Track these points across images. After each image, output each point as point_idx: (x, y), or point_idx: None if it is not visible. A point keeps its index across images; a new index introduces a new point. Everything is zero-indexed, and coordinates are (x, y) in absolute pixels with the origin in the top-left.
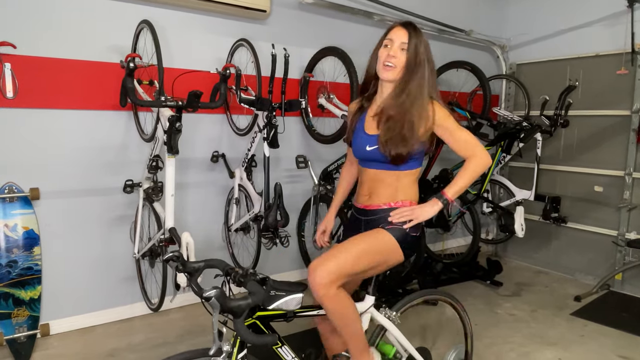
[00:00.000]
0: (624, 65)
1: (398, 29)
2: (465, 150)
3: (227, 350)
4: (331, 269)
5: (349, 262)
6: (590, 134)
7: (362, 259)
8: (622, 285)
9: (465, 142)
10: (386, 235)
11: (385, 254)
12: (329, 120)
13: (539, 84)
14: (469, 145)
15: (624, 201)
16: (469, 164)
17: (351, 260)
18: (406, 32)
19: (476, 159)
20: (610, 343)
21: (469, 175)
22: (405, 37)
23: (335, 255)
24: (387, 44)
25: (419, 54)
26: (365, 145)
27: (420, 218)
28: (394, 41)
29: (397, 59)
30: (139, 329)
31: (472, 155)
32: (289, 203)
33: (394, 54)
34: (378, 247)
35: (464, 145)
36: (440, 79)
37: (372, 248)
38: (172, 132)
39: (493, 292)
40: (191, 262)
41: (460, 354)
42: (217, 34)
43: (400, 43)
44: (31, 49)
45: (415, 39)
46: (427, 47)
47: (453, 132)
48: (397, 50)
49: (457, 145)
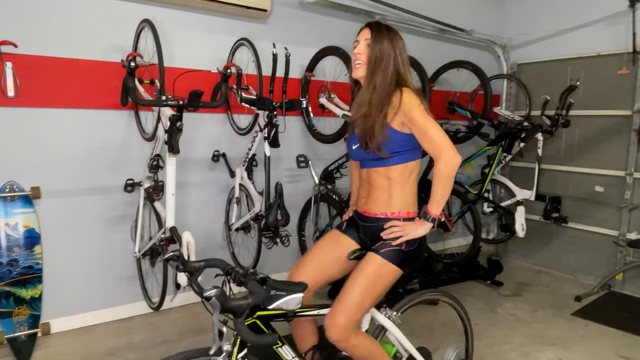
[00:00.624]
0: (625, 65)
1: (364, 30)
2: (432, 149)
3: (227, 350)
4: (343, 324)
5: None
6: (591, 134)
7: (367, 296)
8: (623, 285)
9: (432, 141)
10: (382, 262)
11: (387, 279)
12: (329, 119)
13: (540, 83)
14: (436, 144)
15: (624, 201)
16: (437, 169)
17: (358, 303)
18: (369, 30)
19: (442, 162)
20: (611, 343)
21: (443, 182)
22: (368, 34)
23: (343, 305)
24: (355, 45)
25: (382, 47)
26: (352, 145)
27: (410, 236)
28: (359, 41)
29: (362, 54)
30: (139, 328)
31: (438, 157)
32: (290, 202)
33: (360, 51)
34: (379, 278)
35: (430, 144)
36: (441, 78)
37: (373, 282)
38: (173, 131)
39: (493, 291)
40: (191, 262)
41: (460, 353)
42: (218, 33)
43: (364, 40)
44: (32, 48)
45: (379, 35)
46: (393, 40)
47: (420, 125)
48: (362, 48)
49: (424, 142)
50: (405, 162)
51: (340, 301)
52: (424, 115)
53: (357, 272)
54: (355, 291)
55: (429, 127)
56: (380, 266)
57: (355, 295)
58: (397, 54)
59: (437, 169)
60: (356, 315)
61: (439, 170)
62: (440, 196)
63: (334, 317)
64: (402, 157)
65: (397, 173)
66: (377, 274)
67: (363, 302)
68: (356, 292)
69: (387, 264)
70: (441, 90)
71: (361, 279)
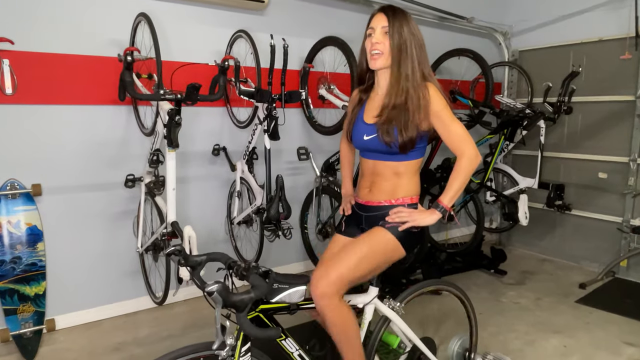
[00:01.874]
0: (627, 50)
1: (377, 16)
2: (457, 146)
3: (230, 344)
4: (333, 280)
5: (351, 269)
6: (594, 120)
7: (364, 263)
8: (627, 271)
9: (458, 137)
10: (387, 234)
11: (387, 254)
12: (329, 111)
13: (542, 70)
14: (461, 141)
15: (628, 187)
16: (459, 165)
17: (353, 267)
18: (385, 16)
19: (466, 159)
20: (615, 330)
21: (462, 177)
22: (384, 21)
23: (336, 264)
24: (370, 32)
25: (403, 34)
26: (363, 135)
27: (417, 222)
28: (375, 29)
29: (381, 44)
30: (144, 323)
31: (462, 154)
32: (291, 195)
33: (378, 40)
34: (379, 248)
35: (457, 140)
36: (442, 67)
37: (373, 250)
38: (172, 125)
39: (497, 280)
40: (193, 256)
41: (464, 343)
42: (215, 25)
43: (381, 28)
44: (29, 45)
45: (396, 20)
46: (410, 25)
47: (447, 124)
48: (380, 36)
49: (450, 139)
50: (418, 158)
51: (338, 259)
52: (449, 111)
53: (359, 239)
54: (353, 252)
55: (455, 126)
56: (383, 235)
57: (352, 256)
58: (417, 37)
59: (459, 166)
60: (348, 277)
61: (462, 167)
62: (455, 191)
63: (325, 270)
64: (417, 153)
65: (407, 168)
66: (378, 241)
67: (358, 266)
68: (354, 253)
69: (390, 235)
70: (442, 79)
71: (361, 245)
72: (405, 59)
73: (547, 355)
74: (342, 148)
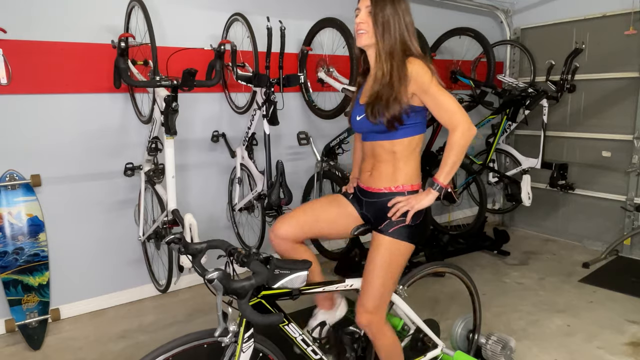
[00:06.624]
0: (632, 25)
1: None
2: (448, 119)
3: (233, 330)
4: (372, 307)
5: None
6: (597, 98)
7: (388, 277)
8: (631, 250)
9: (448, 110)
10: (394, 243)
11: (402, 257)
12: (329, 94)
13: (545, 48)
14: (452, 114)
15: (632, 165)
16: (452, 139)
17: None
18: None
19: (459, 133)
20: (619, 308)
21: (456, 151)
22: (368, 1)
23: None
24: (357, 13)
25: (385, 13)
26: (356, 116)
27: (416, 207)
28: (360, 9)
29: (365, 23)
30: (149, 310)
31: (454, 128)
32: (292, 180)
33: (362, 19)
34: (393, 258)
35: (447, 114)
36: (443, 47)
37: (390, 262)
38: (169, 112)
39: (500, 261)
40: (193, 244)
41: (468, 324)
42: (211, 9)
43: (365, 8)
44: (22, 33)
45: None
46: (395, 4)
47: (436, 97)
48: (364, 16)
49: (440, 114)
50: (412, 135)
51: (365, 289)
52: (437, 85)
53: (371, 258)
54: (376, 275)
55: (443, 98)
56: (392, 246)
57: (377, 279)
58: (401, 17)
59: (452, 140)
60: (383, 298)
61: (455, 141)
62: (450, 167)
63: (362, 304)
64: (409, 130)
65: (402, 146)
66: (391, 254)
67: (386, 284)
68: (377, 277)
69: (398, 242)
70: (443, 59)
71: (378, 263)
72: (388, 37)
73: (551, 335)
74: (355, 137)
